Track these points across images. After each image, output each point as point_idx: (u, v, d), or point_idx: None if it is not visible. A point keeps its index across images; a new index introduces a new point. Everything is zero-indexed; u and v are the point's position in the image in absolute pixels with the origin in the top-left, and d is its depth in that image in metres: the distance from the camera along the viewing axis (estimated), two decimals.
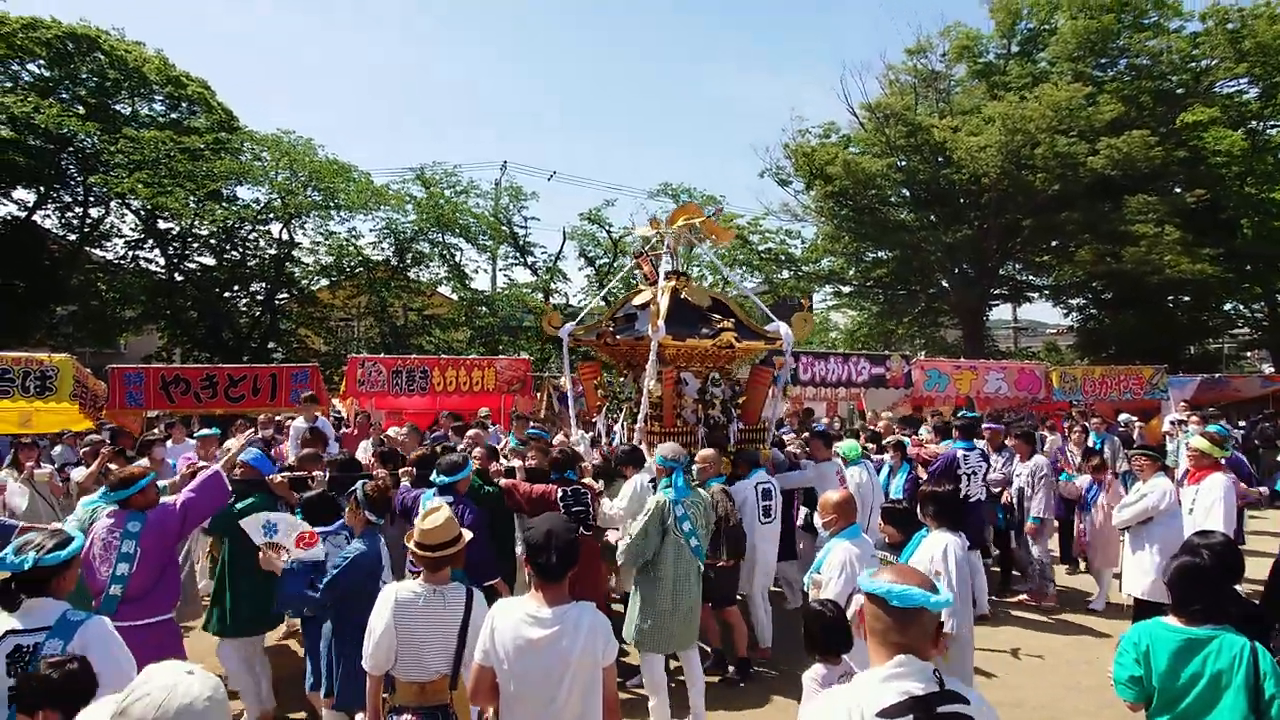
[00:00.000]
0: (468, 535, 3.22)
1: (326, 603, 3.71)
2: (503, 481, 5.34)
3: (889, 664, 1.81)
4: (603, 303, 9.47)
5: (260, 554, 3.92)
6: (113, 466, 5.24)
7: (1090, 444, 9.59)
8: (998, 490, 7.72)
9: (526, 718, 2.63)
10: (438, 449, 6.44)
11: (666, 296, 6.33)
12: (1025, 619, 6.97)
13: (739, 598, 5.72)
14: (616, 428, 6.67)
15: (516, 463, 5.91)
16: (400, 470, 5.59)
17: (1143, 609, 5.51)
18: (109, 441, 7.00)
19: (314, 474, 5.04)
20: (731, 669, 5.56)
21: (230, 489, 4.31)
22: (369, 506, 3.99)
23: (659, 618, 4.48)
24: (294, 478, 4.92)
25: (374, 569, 3.78)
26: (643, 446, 5.78)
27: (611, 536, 5.31)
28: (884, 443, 8.37)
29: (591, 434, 6.87)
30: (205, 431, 7.83)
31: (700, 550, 4.62)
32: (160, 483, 4.53)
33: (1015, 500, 7.61)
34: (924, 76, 22.94)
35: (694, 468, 5.46)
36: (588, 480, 5.45)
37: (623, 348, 6.69)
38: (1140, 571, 5.70)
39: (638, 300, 6.87)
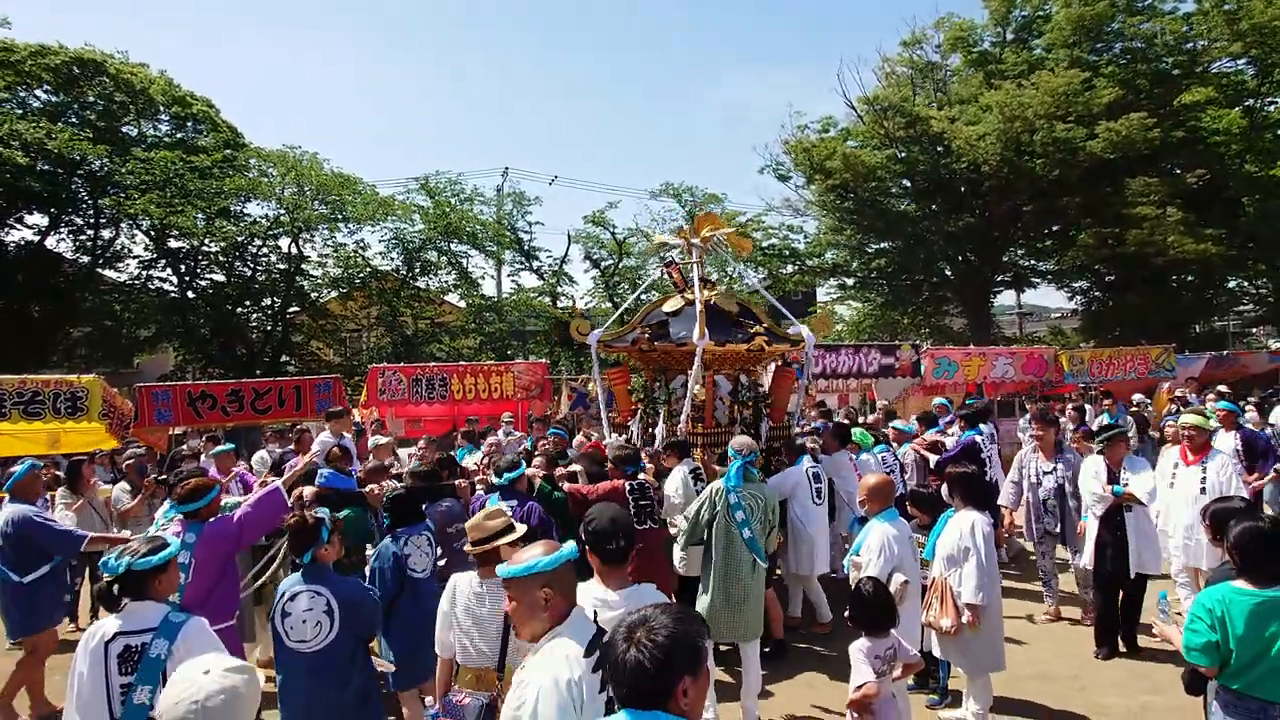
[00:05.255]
0: (521, 528, 3.37)
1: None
2: (566, 487, 5.38)
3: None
4: (618, 305, 9.57)
5: None
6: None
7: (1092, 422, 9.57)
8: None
9: None
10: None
11: (701, 304, 6.48)
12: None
13: (796, 575, 6.17)
14: (657, 430, 6.77)
15: (578, 467, 5.95)
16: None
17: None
18: (165, 468, 7.08)
19: (383, 485, 5.23)
20: (766, 649, 5.63)
21: (290, 505, 4.33)
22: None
23: (706, 604, 4.55)
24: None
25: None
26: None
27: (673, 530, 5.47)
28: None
29: (625, 436, 7.02)
30: (220, 448, 7.93)
31: (754, 543, 4.56)
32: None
33: (1048, 501, 6.50)
34: (920, 68, 23.08)
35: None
36: (647, 476, 5.53)
37: (657, 354, 6.84)
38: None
39: (667, 307, 7.02)
